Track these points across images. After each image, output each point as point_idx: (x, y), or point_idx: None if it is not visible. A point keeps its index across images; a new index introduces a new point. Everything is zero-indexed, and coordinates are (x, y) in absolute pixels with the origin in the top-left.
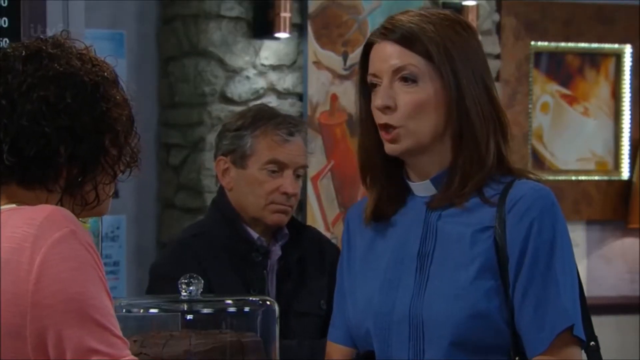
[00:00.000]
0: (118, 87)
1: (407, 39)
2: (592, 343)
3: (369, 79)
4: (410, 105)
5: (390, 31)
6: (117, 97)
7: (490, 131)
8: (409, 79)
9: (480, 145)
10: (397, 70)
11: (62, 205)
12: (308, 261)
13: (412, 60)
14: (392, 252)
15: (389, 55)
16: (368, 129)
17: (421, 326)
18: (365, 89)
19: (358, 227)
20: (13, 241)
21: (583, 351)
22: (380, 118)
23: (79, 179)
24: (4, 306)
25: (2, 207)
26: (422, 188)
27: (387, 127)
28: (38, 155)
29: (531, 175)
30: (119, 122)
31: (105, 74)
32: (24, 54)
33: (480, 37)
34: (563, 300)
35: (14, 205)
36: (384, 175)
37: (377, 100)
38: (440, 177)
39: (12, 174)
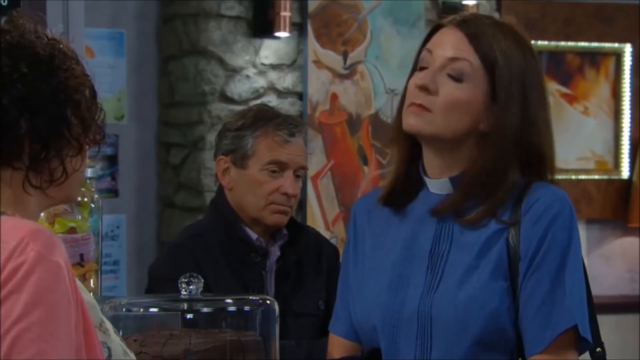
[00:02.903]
0: (77, 61)
1: (476, 37)
2: (599, 349)
3: (422, 53)
4: (451, 98)
5: (464, 23)
6: (75, 68)
7: (514, 161)
8: (455, 77)
9: (496, 165)
10: (450, 60)
11: (29, 181)
12: (306, 262)
13: (470, 57)
14: (401, 248)
15: (452, 43)
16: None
17: (429, 324)
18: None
19: (366, 221)
20: None
21: (589, 356)
22: (416, 97)
23: (43, 153)
24: None
25: None
26: (438, 185)
27: (421, 106)
28: None
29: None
30: (79, 92)
31: (61, 46)
32: None
33: None
34: (568, 302)
35: None
36: (405, 158)
37: (419, 78)
38: (459, 178)
39: None
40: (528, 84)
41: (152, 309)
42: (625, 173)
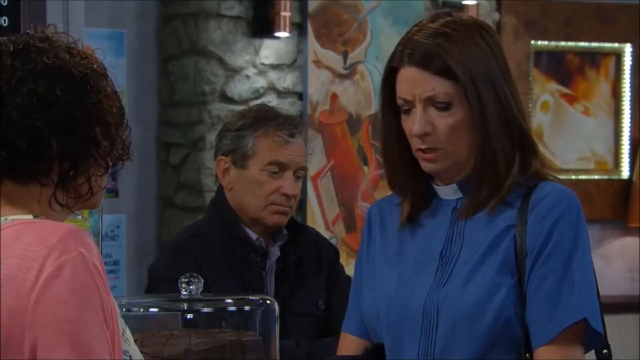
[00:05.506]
0: (107, 79)
1: (431, 63)
2: (605, 351)
3: (399, 102)
4: (449, 129)
5: (413, 56)
6: (107, 89)
7: (513, 146)
8: (444, 106)
9: (498, 162)
10: (429, 98)
11: (55, 198)
12: (306, 262)
13: (442, 87)
14: (415, 252)
15: (419, 82)
16: (392, 143)
17: (435, 320)
18: (390, 109)
19: (379, 223)
20: (23, 259)
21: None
22: (418, 143)
23: (71, 172)
24: (4, 320)
25: (21, 217)
26: (448, 191)
27: (428, 149)
28: (29, 149)
29: (550, 177)
30: (110, 113)
31: (94, 66)
32: (11, 48)
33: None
34: (577, 297)
35: (30, 217)
36: (412, 182)
37: (414, 127)
38: (466, 181)
39: (3, 170)
40: (489, 65)
41: (152, 309)
42: (625, 173)
